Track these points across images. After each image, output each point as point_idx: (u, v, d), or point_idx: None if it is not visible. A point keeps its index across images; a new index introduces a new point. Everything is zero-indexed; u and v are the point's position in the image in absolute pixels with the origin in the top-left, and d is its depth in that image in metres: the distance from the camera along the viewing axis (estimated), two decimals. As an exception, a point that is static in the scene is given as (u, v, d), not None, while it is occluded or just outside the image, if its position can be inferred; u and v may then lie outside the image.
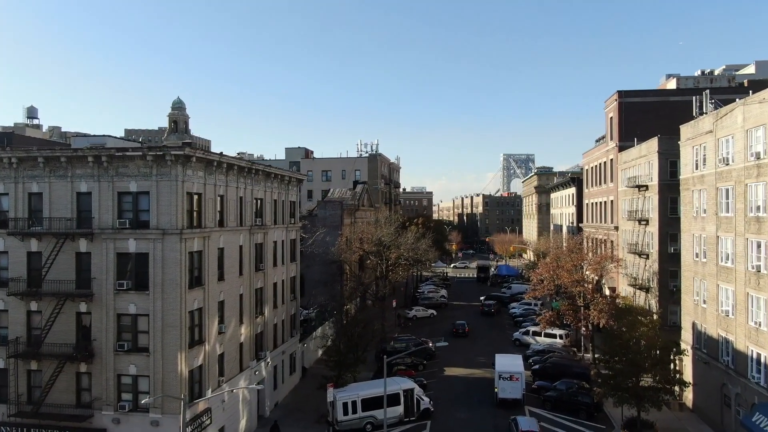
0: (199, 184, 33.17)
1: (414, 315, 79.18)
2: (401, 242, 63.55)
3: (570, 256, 55.10)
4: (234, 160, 37.18)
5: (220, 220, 36.23)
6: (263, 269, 43.22)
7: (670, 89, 67.00)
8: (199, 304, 33.10)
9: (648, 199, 55.10)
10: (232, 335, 37.79)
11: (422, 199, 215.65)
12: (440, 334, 70.25)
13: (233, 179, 37.80)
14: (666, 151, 51.80)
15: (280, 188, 47.37)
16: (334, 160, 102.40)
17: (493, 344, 64.73)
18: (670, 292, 51.85)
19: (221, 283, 36.01)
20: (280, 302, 47.32)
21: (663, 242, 52.18)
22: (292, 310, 50.89)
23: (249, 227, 40.42)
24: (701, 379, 41.91)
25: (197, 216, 33.22)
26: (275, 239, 46.24)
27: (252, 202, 41.07)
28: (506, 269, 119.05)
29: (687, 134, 44.61)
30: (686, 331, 45.31)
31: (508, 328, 73.43)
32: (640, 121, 64.93)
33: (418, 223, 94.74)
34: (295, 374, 51.21)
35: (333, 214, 70.74)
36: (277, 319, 46.73)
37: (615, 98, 66.82)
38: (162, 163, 30.73)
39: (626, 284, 59.34)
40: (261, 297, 43.29)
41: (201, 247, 33.33)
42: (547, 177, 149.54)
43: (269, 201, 44.77)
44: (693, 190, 43.32)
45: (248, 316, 40.47)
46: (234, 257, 38.12)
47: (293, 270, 51.30)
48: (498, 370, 45.94)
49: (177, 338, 30.80)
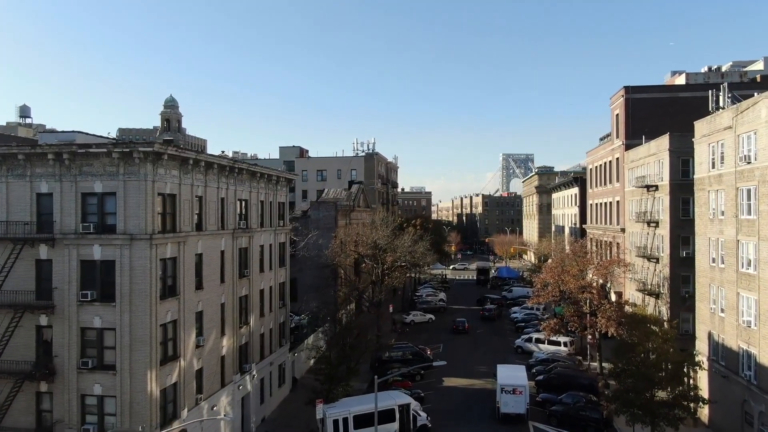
0: (173, 184, 30.21)
1: (411, 320, 76.30)
2: (398, 245, 60.54)
3: (576, 260, 52.12)
4: (214, 159, 34.22)
5: (198, 223, 33.27)
6: (248, 276, 40.26)
7: (679, 85, 64.14)
8: (173, 316, 30.14)
9: (658, 199, 52.19)
10: (213, 348, 34.83)
11: (421, 199, 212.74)
12: (439, 340, 67.38)
13: (213, 179, 34.84)
14: (678, 149, 48.88)
15: (267, 188, 44.42)
16: (329, 160, 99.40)
17: (495, 352, 61.84)
18: (682, 299, 48.96)
19: (199, 292, 33.05)
20: (267, 310, 44.36)
21: (674, 246, 49.26)
22: (281, 318, 47.93)
23: (232, 231, 37.47)
24: (719, 394, 38.94)
25: (171, 219, 30.27)
26: (262, 243, 43.28)
27: (235, 204, 38.11)
28: (507, 271, 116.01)
29: (702, 131, 41.67)
30: (701, 341, 42.38)
31: (510, 334, 70.48)
32: (648, 118, 62.04)
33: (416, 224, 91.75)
34: (284, 386, 48.26)
35: (327, 215, 67.76)
36: (264, 328, 43.76)
37: (621, 94, 63.92)
38: (129, 161, 27.77)
39: (634, 289, 56.43)
40: (246, 305, 40.34)
41: (175, 254, 30.38)
42: (548, 177, 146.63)
43: (255, 202, 41.82)
44: (709, 191, 40.39)
45: (231, 327, 37.51)
46: (214, 263, 35.18)
47: (282, 276, 48.33)
48: (500, 382, 43.03)
49: (146, 355, 27.83)
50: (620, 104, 64.58)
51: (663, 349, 34.91)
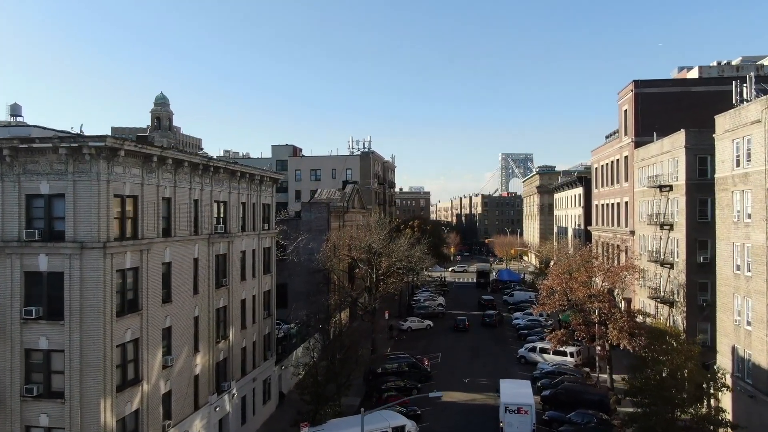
0: (134, 185, 26.58)
1: (409, 327, 72.66)
2: (393, 249, 56.90)
3: (584, 265, 48.48)
4: (184, 156, 30.55)
5: (166, 228, 29.63)
6: (227, 285, 36.61)
7: (692, 78, 60.60)
8: (133, 335, 26.50)
9: (672, 200, 48.62)
10: (184, 368, 31.18)
11: (419, 199, 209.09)
12: (437, 348, 63.78)
13: (185, 179, 31.20)
14: (695, 146, 45.34)
15: (250, 189, 40.79)
16: (323, 159, 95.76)
17: (496, 362, 58.26)
18: (700, 308, 45.42)
19: (167, 306, 29.41)
20: (250, 321, 40.71)
21: (691, 250, 45.73)
22: (267, 329, 44.28)
23: (207, 236, 33.82)
24: (745, 417, 35.25)
25: (132, 224, 26.65)
26: (243, 248, 39.64)
27: (211, 206, 34.46)
28: (508, 274, 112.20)
29: (725, 125, 38.07)
30: (723, 355, 38.76)
31: (512, 342, 66.86)
32: (659, 114, 58.51)
33: (414, 225, 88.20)
34: (270, 402, 44.60)
35: (319, 217, 64.11)
36: (247, 341, 40.12)
37: (630, 89, 60.35)
38: (80, 158, 24.12)
39: (646, 296, 52.85)
40: (224, 318, 36.68)
41: (136, 263, 26.75)
42: (549, 176, 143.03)
43: (235, 204, 38.17)
44: (733, 191, 36.79)
45: (206, 342, 33.86)
46: (186, 273, 31.53)
47: (268, 283, 44.68)
48: (504, 400, 39.40)
49: (99, 380, 24.19)
50: (629, 99, 61.00)
51: (685, 367, 31.32)
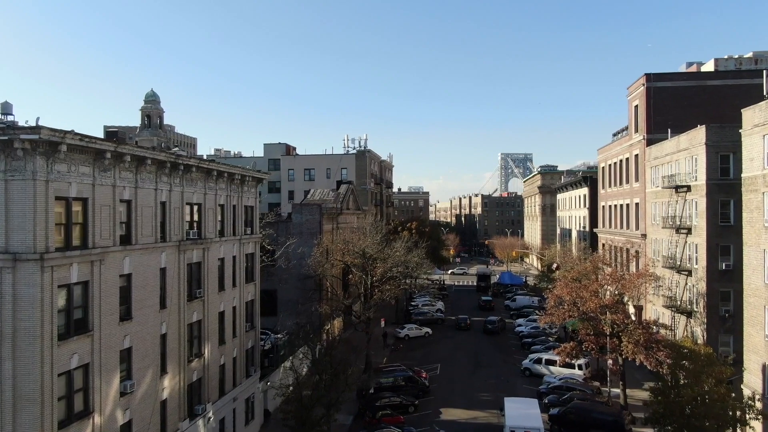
0: (84, 185, 22.87)
1: (406, 335, 68.96)
2: (389, 254, 53.12)
3: (595, 273, 44.76)
4: (147, 153, 26.78)
5: (126, 235, 25.92)
6: (201, 297, 32.89)
7: (707, 72, 56.88)
8: (81, 360, 22.78)
9: (690, 202, 44.95)
10: (147, 393, 27.46)
11: (418, 199, 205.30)
12: (436, 358, 60.04)
13: (149, 178, 27.49)
14: (716, 143, 41.68)
15: (230, 189, 37.08)
16: (318, 158, 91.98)
17: (498, 374, 54.56)
18: (722, 319, 41.81)
19: (127, 324, 25.69)
20: (229, 336, 37.00)
21: (711, 256, 42.09)
22: (250, 343, 40.55)
23: (177, 243, 30.09)
24: (780, 443, 31.73)
25: (81, 231, 22.94)
26: (222, 255, 35.92)
27: (182, 209, 30.73)
28: (509, 277, 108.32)
29: (754, 119, 34.40)
30: (751, 373, 35.05)
31: (515, 351, 63.20)
32: (672, 110, 54.89)
33: (411, 227, 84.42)
34: (253, 422, 40.86)
35: (310, 219, 60.36)
36: (226, 358, 36.40)
37: (641, 83, 56.66)
38: (12, 154, 20.39)
39: (660, 305, 49.16)
40: (199, 333, 32.96)
41: (86, 277, 23.02)
42: (551, 176, 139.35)
43: (212, 206, 34.45)
44: (763, 192, 33.15)
45: (176, 363, 30.14)
46: (151, 285, 27.81)
47: (251, 293, 40.95)
48: (509, 424, 35.72)
49: (37, 416, 20.48)
50: (640, 94, 57.32)
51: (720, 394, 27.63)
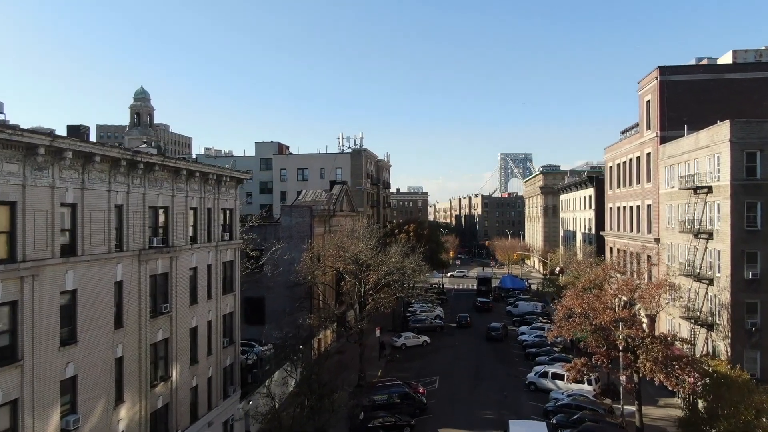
0: (10, 187, 19.12)
1: (403, 344, 65.14)
2: (383, 260, 49.30)
3: (608, 282, 41.00)
4: (94, 149, 22.95)
5: (70, 244, 22.16)
6: (169, 312, 29.13)
7: (725, 64, 53.12)
8: (7, 396, 19.02)
9: (711, 204, 41.22)
10: (98, 427, 23.66)
11: (417, 200, 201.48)
12: (435, 370, 56.10)
13: (100, 178, 23.72)
14: (742, 140, 37.97)
15: (204, 191, 33.31)
16: (311, 157, 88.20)
17: (501, 388, 50.75)
18: (748, 333, 38.09)
19: (70, 349, 21.92)
20: (203, 353, 33.22)
21: (736, 264, 38.35)
22: (228, 360, 36.78)
23: (137, 252, 26.33)
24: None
25: (7, 242, 19.20)
26: (195, 264, 32.15)
27: (144, 214, 26.97)
28: (511, 281, 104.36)
29: (791, 112, 30.69)
30: (786, 396, 31.38)
31: (519, 363, 59.38)
32: (688, 105, 51.20)
33: (409, 230, 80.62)
34: (233, 447, 37.15)
35: (301, 222, 56.55)
36: (199, 378, 32.63)
37: (654, 76, 52.91)
38: None
39: (678, 316, 45.39)
40: (166, 353, 29.21)
41: (13, 296, 19.27)
42: (553, 176, 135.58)
43: (181, 210, 30.67)
44: (802, 194, 29.45)
45: (136, 389, 26.37)
46: (103, 302, 24.02)
47: (230, 304, 37.17)
48: (515, 453, 32.07)
49: (-57, 470, 16.77)
50: (653, 88, 53.58)
51: (759, 426, 23.93)
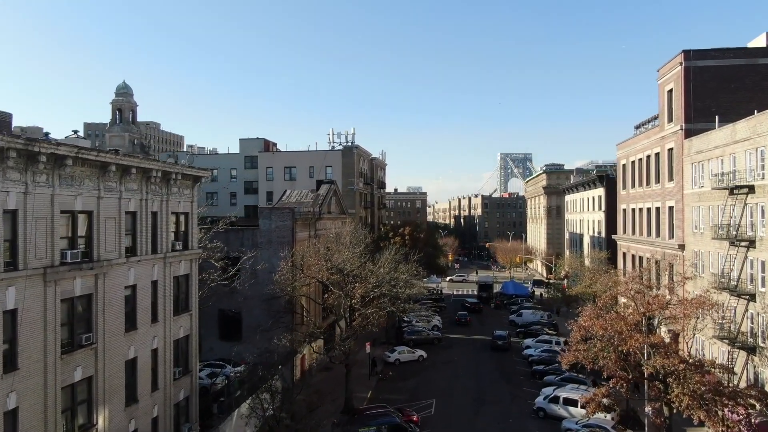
0: None
1: (397, 359, 59.18)
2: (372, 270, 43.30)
3: (631, 297, 34.97)
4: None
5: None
6: (91, 344, 23.19)
7: (758, 48, 47.13)
8: None
9: (753, 207, 35.29)
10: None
11: (415, 200, 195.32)
12: (431, 392, 49.99)
13: (-22, 175, 17.80)
14: (794, 131, 32.05)
15: (146, 192, 27.36)
16: (299, 154, 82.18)
17: (507, 414, 44.70)
18: (800, 360, 32.11)
19: (-77, 409, 16.01)
20: (146, 390, 27.28)
21: (786, 278, 32.43)
22: (182, 394, 30.81)
23: (42, 270, 20.37)
24: None
25: None
26: (132, 282, 26.21)
27: (52, 220, 21.02)
28: (513, 286, 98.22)
29: None
30: None
31: (525, 381, 53.29)
32: (717, 93, 45.30)
33: (404, 233, 74.58)
34: (189, 496, 31.20)
35: (281, 225, 50.46)
36: (140, 421, 26.68)
37: (678, 62, 46.92)
38: None
39: (710, 336, 39.41)
40: (88, 395, 23.26)
41: None
42: (557, 176, 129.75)
43: (113, 215, 24.72)
44: None
45: (40, 447, 20.45)
46: (-15, 339, 18.13)
47: (183, 326, 31.19)
48: None
49: None
50: (675, 76, 47.62)
51: None
